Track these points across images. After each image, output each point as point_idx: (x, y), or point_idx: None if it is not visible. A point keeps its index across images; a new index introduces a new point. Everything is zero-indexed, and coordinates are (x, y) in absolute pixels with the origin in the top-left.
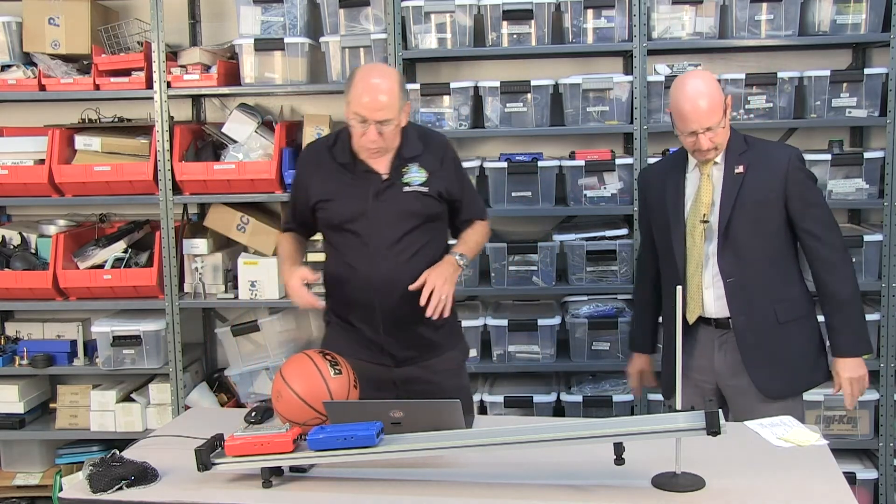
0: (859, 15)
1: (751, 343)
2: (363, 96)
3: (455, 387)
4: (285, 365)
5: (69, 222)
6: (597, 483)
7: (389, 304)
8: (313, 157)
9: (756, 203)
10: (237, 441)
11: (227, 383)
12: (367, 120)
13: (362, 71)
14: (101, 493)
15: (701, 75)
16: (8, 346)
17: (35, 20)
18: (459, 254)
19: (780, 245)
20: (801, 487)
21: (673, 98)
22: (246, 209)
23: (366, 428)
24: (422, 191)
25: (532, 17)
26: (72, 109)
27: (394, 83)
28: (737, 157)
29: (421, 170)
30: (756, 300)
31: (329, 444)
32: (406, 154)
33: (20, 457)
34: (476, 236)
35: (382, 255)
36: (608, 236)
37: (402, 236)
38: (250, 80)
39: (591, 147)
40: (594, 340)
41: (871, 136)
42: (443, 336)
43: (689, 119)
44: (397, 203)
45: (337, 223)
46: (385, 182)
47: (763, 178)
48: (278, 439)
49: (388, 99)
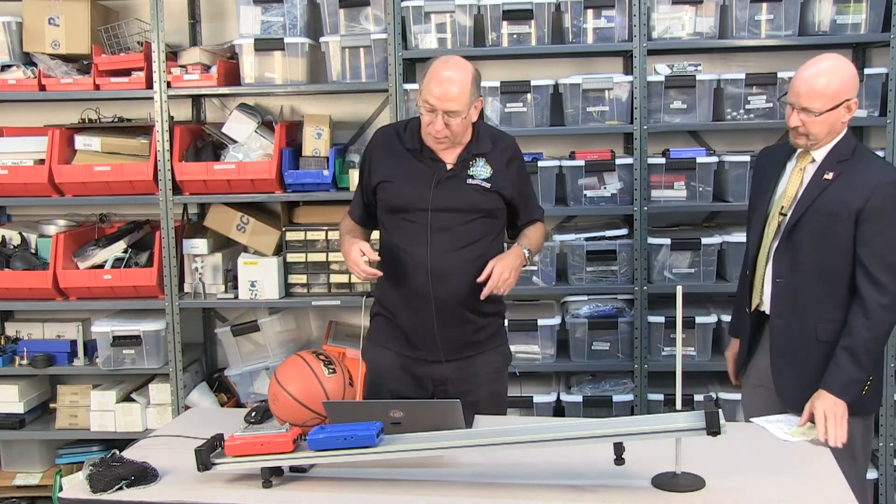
0: (859, 15)
1: (782, 349)
2: (434, 86)
3: (490, 393)
4: (280, 368)
5: (69, 222)
6: (597, 483)
7: (441, 292)
8: (382, 140)
9: (828, 214)
10: (237, 441)
11: (227, 383)
12: (436, 109)
13: (438, 61)
14: (101, 493)
15: (837, 59)
16: (8, 346)
17: (35, 20)
18: (526, 247)
19: (839, 265)
20: (801, 487)
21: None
22: (246, 209)
23: (366, 428)
24: (484, 185)
25: (532, 17)
26: (72, 109)
27: (467, 77)
28: (834, 164)
29: (487, 165)
30: (803, 311)
31: (329, 444)
32: (475, 150)
33: (20, 457)
34: (538, 234)
35: (438, 242)
36: (608, 236)
37: (459, 227)
38: (250, 80)
39: (591, 147)
40: (594, 340)
41: (871, 136)
42: (487, 335)
43: (792, 88)
44: (458, 194)
45: (396, 205)
46: (449, 172)
47: (846, 192)
48: (278, 439)
49: (459, 91)
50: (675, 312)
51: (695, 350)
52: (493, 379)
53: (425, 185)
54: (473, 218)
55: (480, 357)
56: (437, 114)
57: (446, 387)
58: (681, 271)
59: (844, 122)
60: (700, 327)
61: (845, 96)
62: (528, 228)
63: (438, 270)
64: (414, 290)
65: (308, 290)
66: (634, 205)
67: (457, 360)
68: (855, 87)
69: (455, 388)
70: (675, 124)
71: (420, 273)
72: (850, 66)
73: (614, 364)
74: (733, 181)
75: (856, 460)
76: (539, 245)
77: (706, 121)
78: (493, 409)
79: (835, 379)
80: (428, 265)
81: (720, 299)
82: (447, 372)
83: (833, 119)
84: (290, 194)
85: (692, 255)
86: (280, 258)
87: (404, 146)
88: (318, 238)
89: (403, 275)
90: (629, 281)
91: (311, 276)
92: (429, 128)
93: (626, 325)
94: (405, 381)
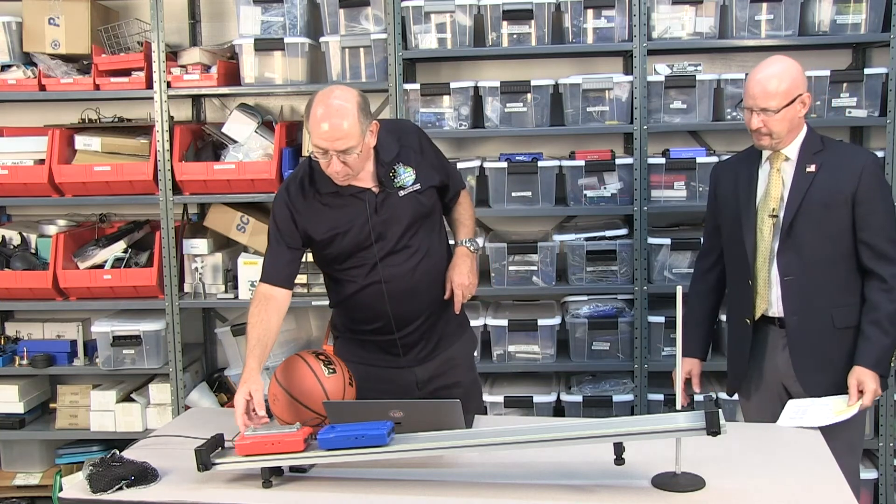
0: (859, 15)
1: (802, 345)
2: (320, 125)
3: (472, 380)
4: (280, 368)
5: (69, 222)
6: (597, 483)
7: (403, 310)
8: (297, 196)
9: (823, 204)
10: (247, 440)
11: (227, 383)
12: (328, 151)
13: (318, 97)
14: (101, 493)
15: (785, 60)
16: (8, 346)
17: (35, 20)
18: (468, 240)
19: (843, 249)
20: (801, 487)
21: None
22: (246, 209)
23: (376, 427)
24: (416, 189)
25: (532, 17)
26: (72, 109)
27: (352, 108)
28: (811, 156)
29: (407, 168)
30: (813, 302)
31: (340, 443)
32: (385, 158)
33: (20, 457)
34: (468, 212)
35: (391, 268)
36: (608, 236)
37: (406, 244)
38: (250, 80)
39: (591, 147)
40: (594, 340)
41: (870, 136)
42: (455, 325)
43: (747, 93)
44: (397, 212)
45: (342, 254)
46: (380, 195)
47: (834, 179)
48: (289, 438)
49: (348, 126)
50: (675, 312)
51: None
52: (470, 366)
53: (364, 223)
54: (418, 229)
55: (455, 346)
56: (330, 155)
57: (430, 385)
58: (681, 271)
59: (801, 116)
60: None
61: (797, 92)
62: (458, 211)
63: (398, 298)
64: (377, 321)
65: (308, 290)
66: (634, 205)
67: (435, 357)
68: (804, 82)
69: (439, 382)
70: (675, 124)
71: (380, 305)
72: (797, 65)
73: (614, 364)
74: None
75: (853, 449)
76: (473, 222)
77: (706, 121)
78: (476, 394)
79: (866, 353)
80: (386, 296)
81: None
82: (429, 370)
83: (791, 115)
84: None
85: (692, 255)
86: None
87: (320, 192)
88: None
89: (363, 310)
90: (629, 281)
91: (311, 276)
92: (328, 170)
93: (626, 325)
94: (389, 391)
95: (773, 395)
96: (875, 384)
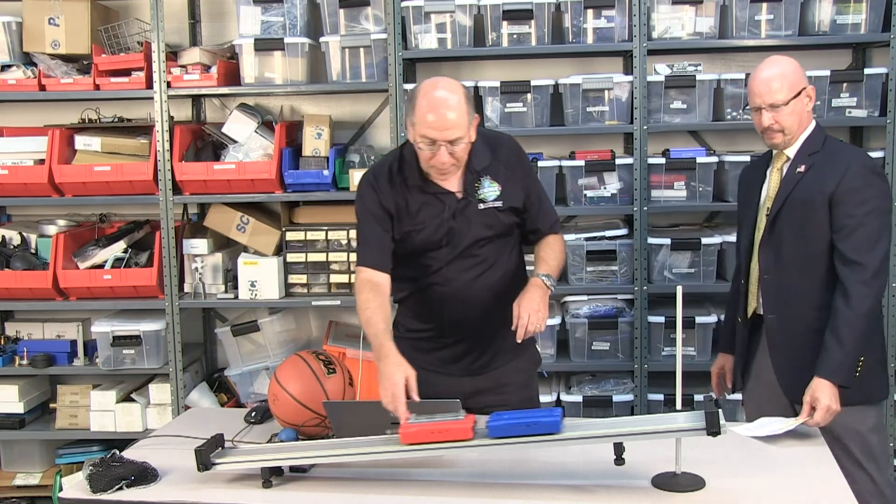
0: (859, 15)
1: (779, 344)
2: (428, 115)
3: (522, 399)
4: (279, 368)
5: (69, 222)
6: (597, 483)
7: (458, 317)
8: (384, 182)
9: (803, 203)
10: (412, 429)
11: (227, 383)
12: (437, 141)
13: (426, 87)
14: (101, 493)
15: (783, 59)
16: (8, 346)
17: (35, 20)
18: (545, 274)
19: (819, 251)
20: (801, 487)
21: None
22: (246, 209)
23: (548, 414)
24: (497, 206)
25: (532, 17)
26: (72, 109)
27: (461, 98)
28: (805, 157)
29: (493, 183)
30: (791, 302)
31: (511, 430)
32: (476, 166)
33: (20, 457)
34: (555, 253)
35: (457, 275)
36: (608, 236)
37: (476, 255)
38: (250, 80)
39: (591, 147)
40: (594, 340)
41: (871, 136)
42: (511, 343)
43: (753, 92)
44: (473, 222)
45: (416, 249)
46: (461, 202)
47: (818, 178)
48: (456, 426)
49: (457, 116)
50: (675, 312)
51: (695, 350)
52: (524, 385)
53: (442, 224)
54: (488, 242)
55: (511, 364)
56: (439, 145)
57: (477, 398)
58: (681, 271)
59: (809, 111)
60: (700, 327)
61: (801, 85)
62: (545, 250)
63: (454, 304)
64: (431, 323)
65: (308, 290)
66: (634, 205)
67: (487, 372)
68: (804, 76)
69: (486, 398)
70: (675, 124)
71: (436, 308)
72: (793, 60)
73: (614, 364)
74: (733, 181)
75: (875, 458)
76: (559, 264)
77: (706, 121)
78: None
79: (823, 363)
80: (443, 300)
81: (720, 299)
82: (478, 384)
83: (799, 108)
84: (290, 194)
85: (692, 255)
86: (280, 258)
87: (407, 184)
88: (318, 238)
89: (420, 310)
90: (629, 281)
91: (311, 276)
92: (432, 162)
93: (626, 325)
94: (434, 396)
95: (770, 393)
96: (829, 399)
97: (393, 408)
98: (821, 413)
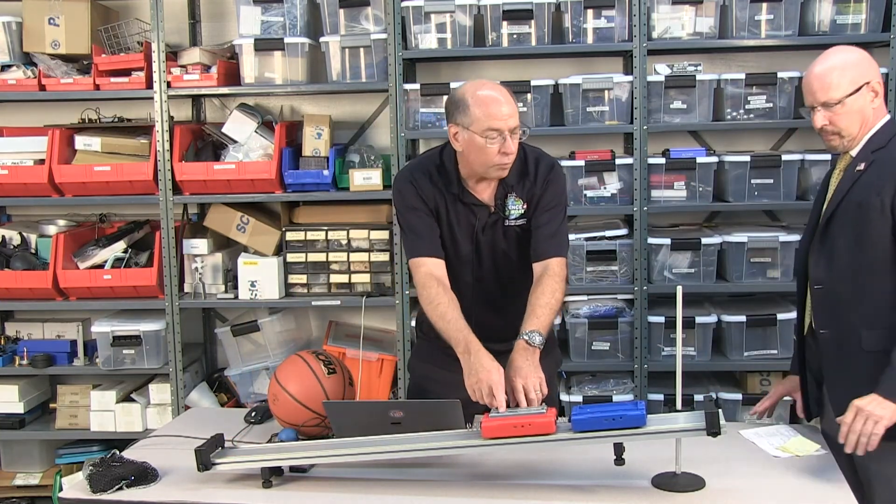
0: (859, 15)
1: (832, 360)
2: (500, 108)
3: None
4: (279, 368)
5: (69, 222)
6: (597, 483)
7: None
8: (424, 180)
9: (858, 205)
10: (494, 422)
11: (227, 383)
12: (504, 131)
13: (471, 88)
14: (101, 493)
15: (845, 49)
16: (8, 346)
17: (35, 20)
18: (531, 332)
19: (880, 258)
20: (801, 488)
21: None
22: (246, 209)
23: (633, 407)
24: (521, 224)
25: (532, 17)
26: (72, 109)
27: (510, 93)
28: (867, 154)
29: (518, 200)
30: (843, 315)
31: (596, 424)
32: (509, 180)
33: (20, 457)
34: (547, 298)
35: (482, 283)
36: (608, 236)
37: (503, 265)
38: (250, 80)
39: (591, 147)
40: (594, 340)
41: None
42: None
43: (806, 90)
44: (499, 238)
45: (448, 259)
46: (492, 216)
47: (877, 177)
48: (539, 420)
49: (514, 105)
50: (675, 312)
51: (695, 350)
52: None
53: (471, 234)
54: (514, 255)
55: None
56: (505, 135)
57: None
58: (681, 271)
59: (875, 107)
60: (700, 327)
61: (864, 79)
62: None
63: (486, 312)
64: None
65: (308, 290)
66: (634, 205)
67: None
68: (871, 68)
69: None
70: (675, 124)
71: (469, 315)
72: (859, 50)
73: (614, 364)
74: (733, 181)
75: None
76: (552, 313)
77: (706, 121)
78: None
79: (888, 380)
80: (475, 308)
81: (720, 299)
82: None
83: (859, 105)
84: (290, 194)
85: (692, 255)
86: (280, 258)
87: (446, 190)
88: (318, 238)
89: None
90: (629, 281)
91: (311, 276)
92: (503, 150)
93: (626, 325)
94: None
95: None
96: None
97: (489, 400)
98: (861, 418)
